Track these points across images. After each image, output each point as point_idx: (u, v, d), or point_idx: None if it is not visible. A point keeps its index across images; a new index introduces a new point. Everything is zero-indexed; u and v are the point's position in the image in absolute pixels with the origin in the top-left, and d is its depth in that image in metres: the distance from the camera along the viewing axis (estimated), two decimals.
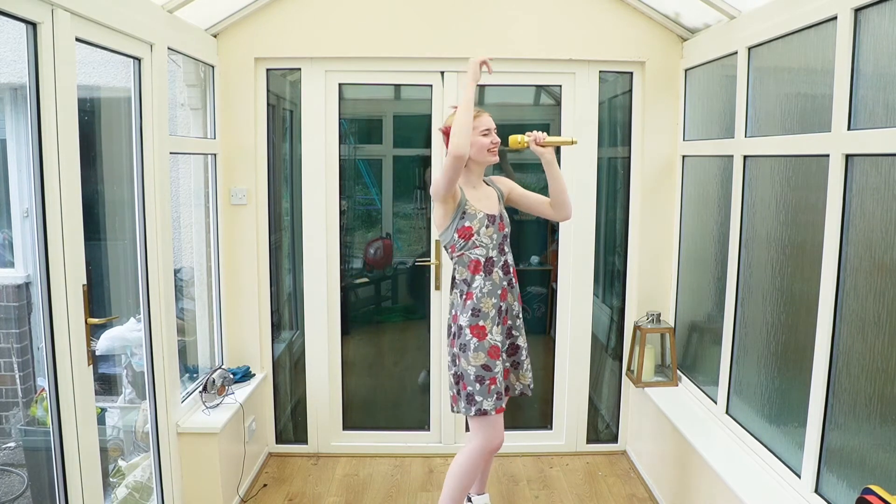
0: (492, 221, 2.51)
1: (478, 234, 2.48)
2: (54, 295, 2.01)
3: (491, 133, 2.51)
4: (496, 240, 2.52)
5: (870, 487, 1.66)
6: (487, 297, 2.48)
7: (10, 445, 3.38)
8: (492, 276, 2.50)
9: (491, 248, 2.50)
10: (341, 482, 3.32)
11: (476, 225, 2.48)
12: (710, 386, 3.01)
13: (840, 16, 2.01)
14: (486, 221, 2.49)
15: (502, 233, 2.55)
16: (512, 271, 2.59)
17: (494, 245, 2.51)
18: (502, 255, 2.54)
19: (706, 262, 3.08)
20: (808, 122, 2.25)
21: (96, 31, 2.22)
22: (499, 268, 2.52)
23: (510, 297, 2.58)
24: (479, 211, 2.49)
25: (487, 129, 2.49)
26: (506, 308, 2.56)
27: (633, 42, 3.30)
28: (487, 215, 2.50)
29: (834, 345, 2.06)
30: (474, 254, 2.50)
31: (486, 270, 2.50)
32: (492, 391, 2.47)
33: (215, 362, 3.38)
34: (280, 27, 3.25)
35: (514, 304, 2.60)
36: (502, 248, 2.55)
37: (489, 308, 2.48)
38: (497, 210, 2.56)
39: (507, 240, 2.58)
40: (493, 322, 2.49)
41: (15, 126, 3.37)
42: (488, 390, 2.47)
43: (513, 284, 2.59)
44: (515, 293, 2.61)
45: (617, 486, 3.30)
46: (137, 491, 2.74)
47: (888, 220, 1.84)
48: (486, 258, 2.49)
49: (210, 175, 3.29)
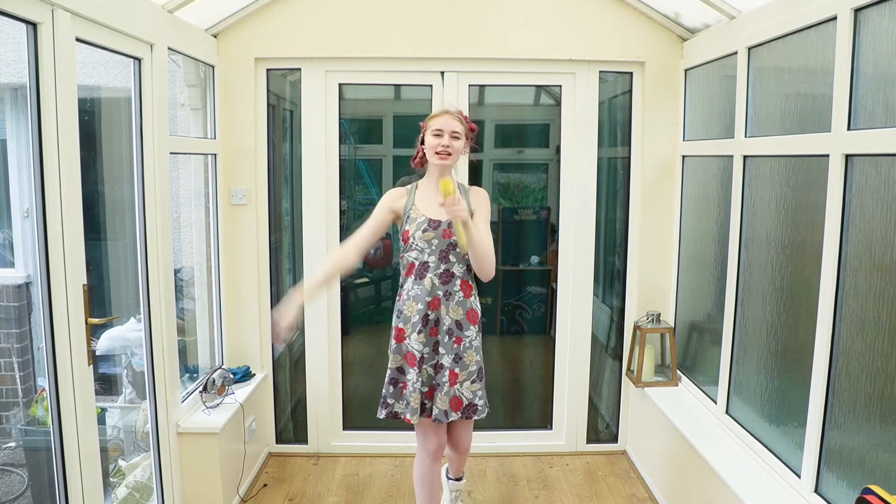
0: (433, 227, 2.40)
1: (413, 237, 2.41)
2: (54, 295, 2.01)
3: (443, 135, 2.39)
4: (437, 245, 2.39)
5: (870, 487, 1.66)
6: (413, 302, 2.40)
7: (11, 445, 3.38)
8: (423, 281, 2.40)
9: (427, 252, 2.40)
10: (341, 482, 3.32)
11: (413, 228, 2.41)
12: (710, 386, 3.01)
13: (840, 16, 2.01)
14: (424, 225, 2.40)
15: (447, 240, 2.39)
16: (460, 284, 2.42)
17: (434, 251, 2.40)
18: (443, 263, 2.40)
19: (706, 262, 3.08)
20: (808, 122, 2.26)
21: (96, 31, 2.22)
22: (435, 275, 2.39)
23: (443, 309, 2.41)
24: (421, 214, 2.42)
25: (440, 130, 2.39)
26: (434, 318, 2.41)
27: (633, 42, 3.30)
28: (430, 220, 2.40)
29: (834, 345, 2.06)
30: (410, 256, 2.44)
31: (417, 275, 2.41)
32: (402, 398, 2.43)
33: (215, 362, 3.38)
34: (280, 27, 3.25)
35: (446, 317, 2.41)
36: (446, 255, 2.40)
37: (412, 312, 2.40)
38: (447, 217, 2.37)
39: (454, 248, 2.40)
40: (414, 328, 2.40)
41: (15, 126, 3.37)
42: (401, 394, 2.44)
43: (451, 296, 2.41)
44: (455, 307, 2.42)
45: (617, 486, 3.30)
46: (137, 491, 2.74)
47: (888, 220, 1.84)
48: (419, 262, 2.41)
49: (210, 175, 3.29)
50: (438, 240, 2.40)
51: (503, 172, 4.19)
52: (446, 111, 2.47)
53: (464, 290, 2.44)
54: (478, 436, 3.64)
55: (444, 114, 2.45)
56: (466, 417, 2.48)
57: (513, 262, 4.28)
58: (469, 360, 2.44)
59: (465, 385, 2.44)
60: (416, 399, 2.39)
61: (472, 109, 3.45)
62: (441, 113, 2.45)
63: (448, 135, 2.39)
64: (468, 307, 2.45)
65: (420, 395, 2.41)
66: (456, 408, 2.43)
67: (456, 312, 2.43)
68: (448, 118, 2.42)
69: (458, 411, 2.44)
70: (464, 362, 2.43)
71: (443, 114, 2.45)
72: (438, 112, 2.47)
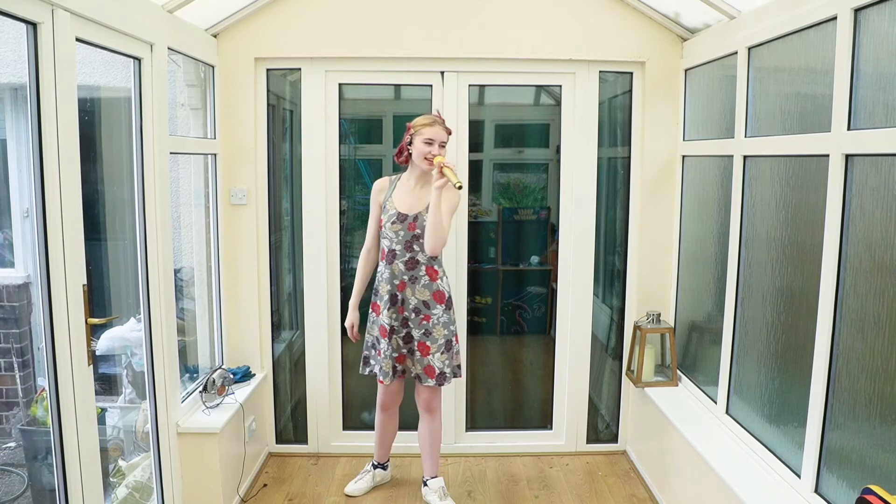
0: (400, 220, 2.81)
1: (384, 227, 2.85)
2: (54, 295, 2.01)
3: (434, 144, 2.75)
4: (402, 236, 2.82)
5: (870, 487, 1.67)
6: (385, 283, 2.85)
7: (10, 445, 3.37)
8: (391, 266, 2.84)
9: (395, 242, 2.83)
10: (341, 482, 3.32)
11: (385, 219, 2.85)
12: (710, 386, 3.01)
13: (840, 16, 2.01)
14: (394, 218, 2.82)
15: (412, 232, 2.81)
16: (425, 270, 2.84)
17: (399, 241, 2.82)
18: (408, 252, 2.82)
19: (706, 262, 3.08)
20: (808, 122, 2.26)
21: (96, 31, 2.22)
22: (401, 261, 2.83)
23: (408, 291, 2.85)
24: (393, 207, 2.83)
25: (431, 139, 2.75)
26: (402, 298, 2.85)
27: (633, 42, 3.30)
28: (398, 213, 2.82)
29: (834, 345, 2.06)
30: (382, 243, 2.89)
31: (388, 260, 2.85)
32: (378, 361, 2.90)
33: (215, 362, 3.38)
34: (280, 27, 3.25)
35: (412, 297, 2.85)
36: (410, 245, 2.82)
37: (384, 292, 2.85)
38: (416, 211, 2.81)
39: (418, 240, 2.81)
40: (385, 305, 2.84)
41: (15, 126, 3.36)
42: (377, 357, 2.92)
43: (417, 280, 2.84)
44: (420, 290, 2.84)
45: (617, 486, 3.30)
46: (137, 491, 2.74)
47: (888, 219, 1.84)
48: (389, 249, 2.85)
49: (210, 175, 3.29)
50: (404, 231, 2.81)
51: (503, 172, 4.19)
52: (436, 121, 2.79)
53: (430, 275, 2.87)
54: (478, 436, 3.66)
55: (435, 124, 2.78)
56: (438, 384, 2.90)
57: (513, 262, 4.28)
58: (438, 335, 2.87)
59: (437, 356, 2.88)
60: (387, 364, 2.87)
61: (472, 109, 3.45)
62: (432, 122, 2.78)
63: (438, 145, 2.77)
64: (434, 289, 2.87)
65: (391, 360, 2.88)
66: (430, 374, 2.88)
67: (422, 294, 2.86)
68: (439, 129, 2.78)
69: (433, 378, 2.88)
70: (433, 336, 2.87)
71: (434, 124, 2.78)
72: (429, 120, 2.79)
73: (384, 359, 2.87)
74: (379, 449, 3.24)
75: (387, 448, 3.26)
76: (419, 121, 2.81)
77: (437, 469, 3.12)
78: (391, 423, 3.19)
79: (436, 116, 2.84)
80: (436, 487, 3.07)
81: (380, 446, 3.24)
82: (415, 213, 2.81)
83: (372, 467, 3.27)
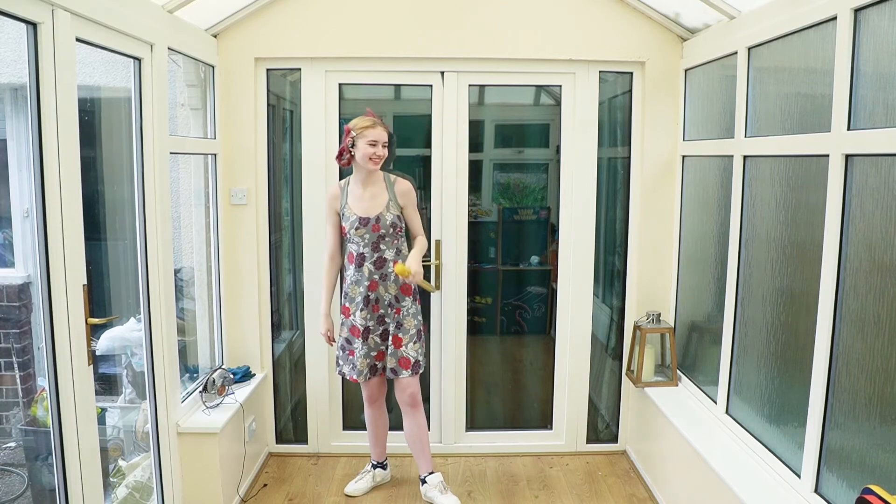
0: (363, 224, 2.86)
1: (349, 233, 2.90)
2: (54, 295, 2.01)
3: (377, 145, 2.81)
4: (368, 239, 2.88)
5: (870, 487, 1.67)
6: (355, 286, 2.92)
7: (10, 445, 3.37)
8: (362, 268, 2.89)
9: (362, 245, 2.89)
10: (341, 482, 3.32)
11: (347, 226, 2.90)
12: (710, 386, 3.01)
13: (840, 16, 2.01)
14: (356, 223, 2.87)
15: (377, 233, 2.87)
16: (392, 266, 2.88)
17: (367, 243, 2.88)
18: (376, 252, 2.89)
19: (706, 262, 3.08)
20: (808, 122, 2.25)
21: (96, 31, 2.22)
22: (370, 262, 2.89)
23: (381, 289, 2.91)
24: (353, 213, 2.88)
25: (374, 141, 2.80)
26: (375, 298, 2.91)
27: (633, 42, 3.30)
28: (360, 218, 2.87)
29: (834, 345, 2.06)
30: (350, 247, 2.94)
31: (356, 263, 2.90)
32: (349, 361, 2.96)
33: (215, 362, 3.38)
34: (280, 27, 3.25)
35: (385, 294, 2.91)
36: (377, 245, 2.88)
37: (355, 294, 2.92)
38: (375, 213, 2.87)
39: (384, 239, 2.88)
40: (357, 307, 2.90)
41: (15, 126, 3.36)
42: (348, 357, 2.97)
43: (387, 277, 2.90)
44: (391, 285, 2.91)
45: (617, 486, 3.30)
46: (137, 491, 2.74)
47: (888, 220, 1.84)
48: (357, 253, 2.90)
49: (210, 175, 3.29)
50: (369, 234, 2.88)
51: (503, 172, 4.20)
52: (376, 122, 2.84)
53: None
54: (478, 436, 3.66)
55: (376, 125, 2.83)
56: (414, 373, 2.98)
57: (513, 262, 4.28)
58: (409, 325, 2.96)
59: (409, 346, 2.96)
60: (362, 363, 2.94)
61: (472, 109, 3.45)
62: (373, 124, 2.83)
63: (381, 145, 2.83)
64: (401, 283, 2.93)
65: (369, 360, 2.95)
66: (405, 366, 2.96)
67: (393, 289, 2.93)
68: (381, 131, 2.83)
69: (408, 369, 2.96)
70: (404, 328, 2.95)
71: (375, 125, 2.83)
72: (369, 122, 2.83)
73: (358, 358, 2.93)
74: (375, 447, 3.27)
75: (382, 445, 3.28)
76: (359, 122, 2.84)
77: (431, 464, 3.13)
78: (381, 417, 3.22)
79: (374, 117, 2.86)
80: (435, 483, 3.08)
81: (375, 443, 3.26)
82: (375, 215, 2.86)
83: (371, 467, 3.28)
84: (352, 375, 2.98)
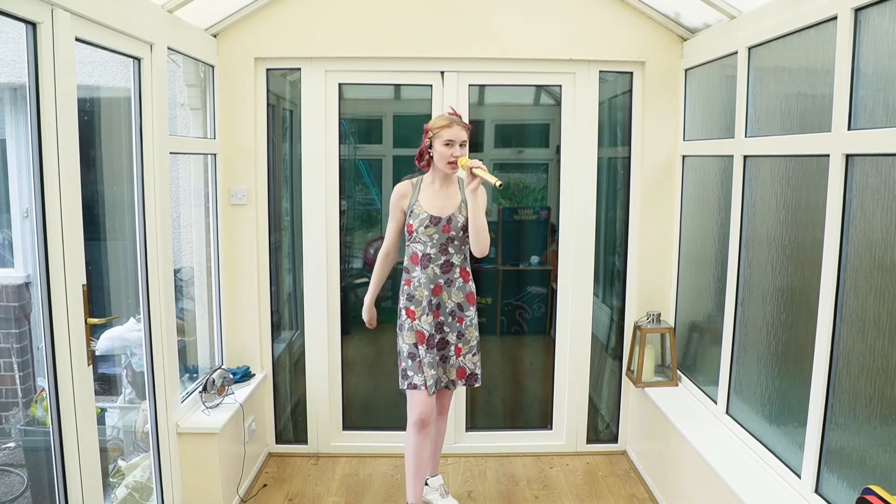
0: (434, 223, 2.71)
1: (416, 231, 2.73)
2: (54, 295, 2.01)
3: (454, 145, 2.65)
4: (437, 239, 2.72)
5: (870, 487, 1.67)
6: (422, 288, 2.74)
7: (10, 445, 3.37)
8: (427, 270, 2.73)
9: (430, 245, 2.72)
10: (341, 482, 3.32)
11: (416, 223, 2.72)
12: (710, 386, 3.01)
13: (840, 16, 2.01)
14: (426, 221, 2.71)
15: (446, 234, 2.72)
16: (459, 272, 2.76)
17: (434, 244, 2.72)
18: (443, 255, 2.73)
19: (706, 262, 3.08)
20: (808, 122, 2.25)
21: (96, 31, 2.21)
22: (436, 265, 2.73)
23: (445, 295, 2.76)
24: (424, 211, 2.72)
25: (451, 141, 2.65)
26: (437, 303, 2.75)
27: (633, 42, 3.30)
28: (431, 216, 2.71)
29: (834, 345, 2.06)
30: (415, 247, 2.77)
31: (422, 264, 2.74)
32: (422, 368, 2.73)
33: (215, 362, 3.38)
34: (280, 27, 3.25)
35: (448, 301, 2.77)
36: (445, 248, 2.73)
37: (422, 297, 2.74)
38: (448, 213, 2.72)
39: (453, 242, 2.73)
40: (424, 311, 2.73)
41: (15, 126, 3.36)
42: (419, 367, 2.74)
43: (452, 283, 2.76)
44: (455, 292, 2.77)
45: (617, 486, 3.30)
46: (137, 491, 2.74)
47: (888, 220, 1.84)
48: (423, 253, 2.74)
49: (210, 175, 3.29)
50: (439, 234, 2.71)
51: (503, 172, 4.19)
52: (454, 121, 2.68)
53: (463, 277, 2.79)
54: (478, 436, 3.66)
55: (453, 124, 2.66)
56: (469, 384, 2.85)
57: (513, 262, 4.28)
58: (470, 336, 2.82)
59: (468, 357, 2.82)
60: (430, 375, 2.72)
61: (472, 109, 3.45)
62: (450, 123, 2.66)
63: (458, 145, 2.66)
64: (467, 291, 2.80)
65: (434, 370, 2.73)
66: (461, 376, 2.82)
67: (457, 296, 2.78)
68: (458, 130, 2.67)
69: (463, 379, 2.82)
70: (465, 338, 2.81)
71: (452, 124, 2.66)
72: (446, 121, 2.67)
73: (428, 367, 2.71)
74: (416, 483, 2.81)
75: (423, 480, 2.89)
76: (436, 122, 2.70)
77: (437, 468, 3.11)
78: (427, 448, 2.83)
79: (452, 115, 2.72)
80: (436, 486, 3.07)
81: (417, 479, 2.81)
82: (448, 215, 2.71)
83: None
84: (424, 385, 2.70)
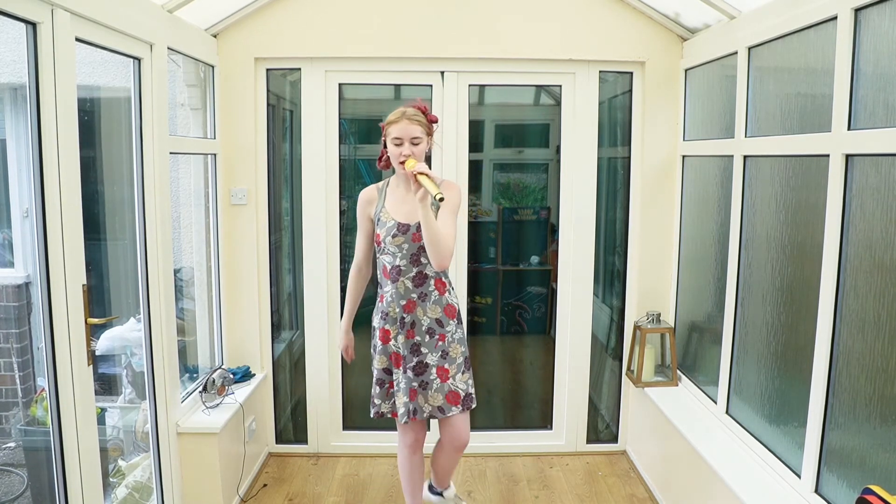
0: (402, 231, 2.38)
1: (384, 242, 2.42)
2: (54, 295, 2.01)
3: (403, 143, 2.32)
4: (407, 249, 2.39)
5: (870, 487, 1.67)
6: (394, 304, 2.44)
7: (10, 445, 3.37)
8: (397, 284, 2.42)
9: (399, 257, 2.40)
10: (341, 482, 3.32)
11: (383, 233, 2.41)
12: (710, 386, 3.01)
13: (840, 16, 2.01)
14: (394, 230, 2.39)
15: (417, 244, 2.38)
16: (434, 284, 2.44)
17: (405, 255, 2.40)
18: (415, 266, 2.41)
19: (706, 262, 3.08)
20: (808, 122, 2.25)
21: (96, 31, 2.21)
22: (407, 278, 2.41)
23: (419, 311, 2.44)
24: (391, 218, 2.41)
25: (398, 139, 2.32)
26: (410, 321, 2.43)
27: (633, 42, 3.30)
28: (399, 224, 2.39)
29: (834, 345, 2.06)
30: (384, 259, 2.45)
31: (392, 278, 2.42)
32: (391, 395, 2.51)
33: (215, 362, 3.38)
34: (280, 27, 3.25)
35: (423, 318, 2.44)
36: (417, 258, 2.40)
37: (396, 314, 2.44)
38: (418, 219, 2.33)
39: (425, 251, 2.37)
40: (398, 331, 2.44)
41: (15, 126, 3.36)
42: (387, 394, 2.52)
43: (427, 297, 2.44)
44: (431, 307, 2.45)
45: (617, 486, 3.30)
46: (137, 491, 2.74)
47: (888, 220, 1.84)
48: (392, 265, 2.42)
49: (210, 175, 3.29)
50: (409, 244, 2.40)
51: (503, 172, 4.20)
52: (403, 114, 2.35)
53: (438, 289, 2.47)
54: (478, 436, 3.65)
55: (401, 119, 2.34)
56: (466, 409, 2.48)
57: (513, 262, 4.28)
58: (455, 354, 2.48)
59: (458, 377, 2.47)
60: (403, 402, 2.45)
61: (472, 109, 3.45)
62: (398, 118, 2.34)
63: (408, 143, 2.33)
64: (444, 304, 2.47)
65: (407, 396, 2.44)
66: (454, 402, 2.46)
67: (434, 311, 2.46)
68: (406, 124, 2.33)
69: (458, 404, 2.46)
70: (451, 357, 2.47)
71: (400, 119, 2.34)
72: (396, 116, 2.36)
73: (402, 394, 2.44)
74: (414, 498, 2.70)
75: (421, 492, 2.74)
76: (389, 117, 2.38)
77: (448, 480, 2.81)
78: (422, 465, 2.68)
79: (408, 107, 2.38)
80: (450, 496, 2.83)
81: (413, 495, 2.69)
82: (417, 222, 2.37)
83: None
84: (395, 412, 2.49)
